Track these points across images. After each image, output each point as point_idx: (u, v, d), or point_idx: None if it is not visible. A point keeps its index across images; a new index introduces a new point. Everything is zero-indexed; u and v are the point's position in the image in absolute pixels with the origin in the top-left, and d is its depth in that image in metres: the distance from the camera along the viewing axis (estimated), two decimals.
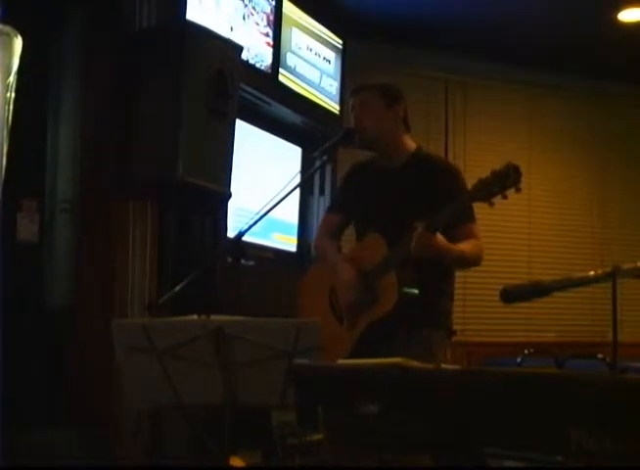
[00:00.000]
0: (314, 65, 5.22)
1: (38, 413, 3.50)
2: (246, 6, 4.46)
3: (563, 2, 5.20)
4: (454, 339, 3.27)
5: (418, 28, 5.58)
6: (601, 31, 5.60)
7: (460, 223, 3.04)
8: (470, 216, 3.10)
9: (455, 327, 3.32)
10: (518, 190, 2.71)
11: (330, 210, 3.54)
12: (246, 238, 3.02)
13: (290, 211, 5.18)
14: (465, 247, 3.06)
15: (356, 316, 3.09)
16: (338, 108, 5.40)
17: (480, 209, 3.04)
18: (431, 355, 2.94)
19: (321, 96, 5.28)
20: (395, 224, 3.04)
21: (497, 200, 2.73)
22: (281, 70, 4.83)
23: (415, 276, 3.03)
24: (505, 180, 2.71)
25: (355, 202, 3.31)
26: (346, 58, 5.54)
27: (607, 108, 6.72)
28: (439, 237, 2.90)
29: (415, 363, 1.83)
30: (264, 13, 4.64)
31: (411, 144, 3.26)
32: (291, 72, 4.94)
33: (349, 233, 3.43)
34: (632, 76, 6.42)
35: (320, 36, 5.29)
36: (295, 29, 4.98)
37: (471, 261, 3.17)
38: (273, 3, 4.72)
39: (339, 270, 3.19)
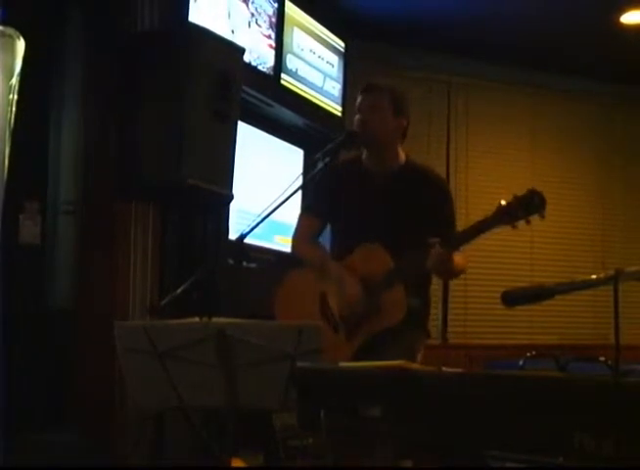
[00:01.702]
0: (316, 67, 5.22)
1: (40, 414, 3.50)
2: (248, 8, 4.46)
3: (565, 4, 5.20)
4: (455, 341, 3.29)
5: (420, 30, 5.58)
6: (603, 34, 5.60)
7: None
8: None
9: (457, 329, 3.36)
10: (542, 217, 2.73)
11: (308, 212, 3.43)
12: (247, 240, 3.02)
13: (292, 214, 5.17)
14: (460, 261, 3.10)
15: (355, 327, 3.07)
16: (340, 110, 5.41)
17: (481, 211, 3.05)
18: (412, 355, 3.00)
19: (323, 98, 5.28)
20: (392, 235, 3.05)
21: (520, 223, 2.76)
22: (283, 72, 4.83)
23: (417, 289, 3.05)
24: (529, 206, 2.74)
25: (339, 206, 3.27)
26: (348, 59, 5.54)
27: (609, 110, 6.72)
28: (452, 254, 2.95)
29: (416, 366, 1.83)
30: (267, 15, 4.64)
31: (402, 154, 3.27)
32: (293, 74, 4.95)
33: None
34: (635, 79, 6.42)
35: (322, 38, 5.29)
36: (297, 30, 4.98)
37: (460, 274, 3.24)
38: (275, 5, 4.73)
39: (343, 284, 3.13)
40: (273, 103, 4.75)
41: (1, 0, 2.52)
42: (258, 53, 4.58)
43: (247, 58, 4.19)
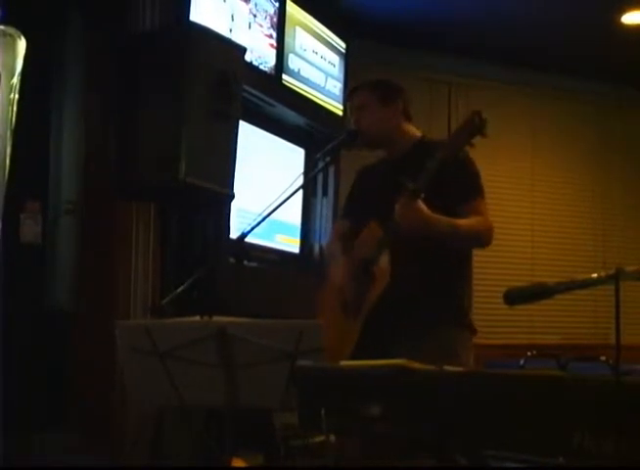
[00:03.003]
0: (318, 66, 5.22)
1: (40, 414, 3.50)
2: (249, 7, 4.46)
3: (565, 4, 5.20)
4: None
5: (420, 30, 5.58)
6: (604, 34, 5.60)
7: (464, 200, 2.98)
8: (474, 192, 3.02)
9: None
10: (483, 136, 2.75)
11: (340, 216, 3.50)
12: (248, 239, 3.02)
13: (293, 213, 5.18)
14: (462, 221, 2.94)
15: (358, 307, 3.04)
16: (341, 109, 5.40)
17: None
18: (455, 357, 2.84)
19: (324, 97, 5.28)
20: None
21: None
22: (284, 71, 4.83)
23: (411, 253, 2.95)
24: (470, 129, 2.75)
25: (363, 202, 3.26)
26: (349, 59, 5.54)
27: (609, 110, 6.72)
28: (422, 205, 2.81)
29: (417, 365, 1.82)
30: (268, 14, 4.65)
31: (415, 132, 3.20)
32: (295, 74, 4.95)
33: None
34: (635, 79, 6.42)
35: (324, 38, 5.29)
36: (298, 30, 4.98)
37: (470, 237, 3.01)
38: (277, 4, 4.73)
39: (330, 274, 3.15)
40: (275, 102, 4.76)
41: (1, 0, 2.52)
42: (260, 53, 4.58)
43: (248, 57, 4.19)
